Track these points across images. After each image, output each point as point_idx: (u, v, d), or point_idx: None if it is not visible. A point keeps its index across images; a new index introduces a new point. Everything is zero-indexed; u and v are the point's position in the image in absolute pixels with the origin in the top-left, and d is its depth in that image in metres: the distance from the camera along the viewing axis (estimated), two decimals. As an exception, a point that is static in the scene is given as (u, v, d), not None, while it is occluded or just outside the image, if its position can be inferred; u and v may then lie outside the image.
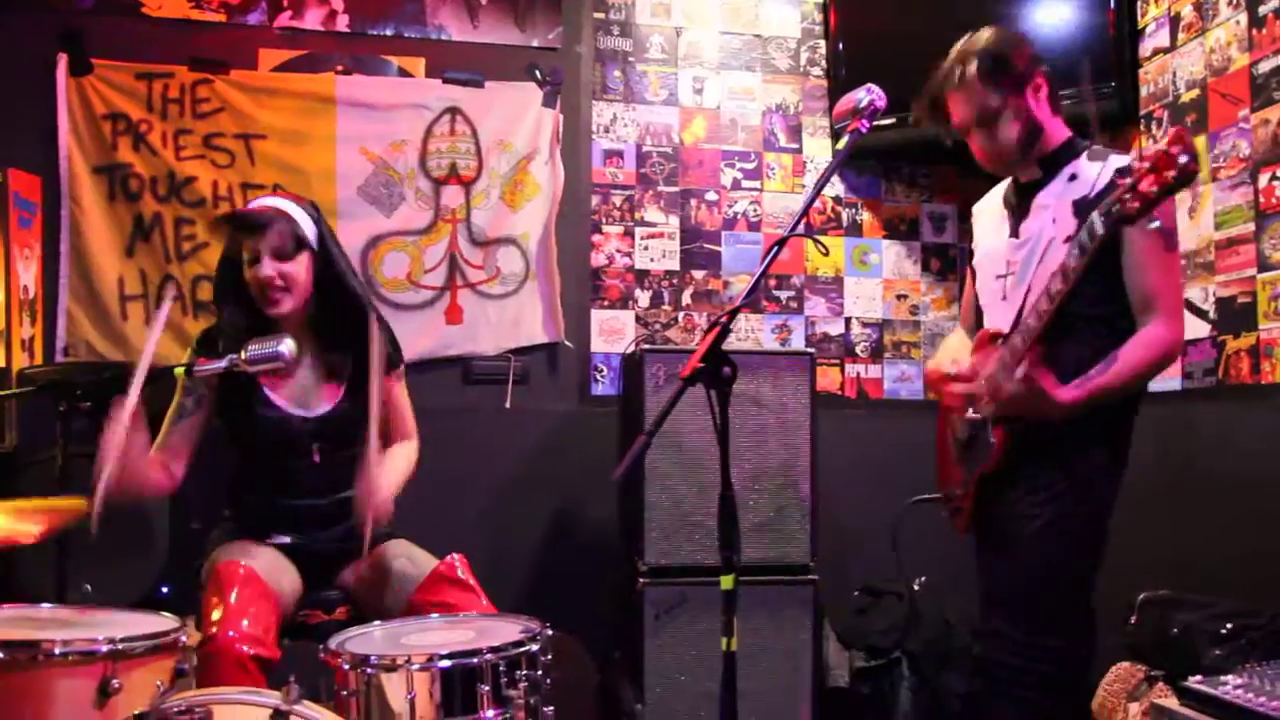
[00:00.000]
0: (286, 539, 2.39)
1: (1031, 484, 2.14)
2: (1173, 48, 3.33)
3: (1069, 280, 1.88)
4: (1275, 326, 2.88)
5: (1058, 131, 2.22)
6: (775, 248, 1.77)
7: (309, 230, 2.38)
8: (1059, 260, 1.98)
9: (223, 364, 2.14)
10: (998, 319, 2.25)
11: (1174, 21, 3.33)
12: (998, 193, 2.41)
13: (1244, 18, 3.04)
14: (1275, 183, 2.90)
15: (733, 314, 1.70)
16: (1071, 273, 1.87)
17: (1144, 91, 3.45)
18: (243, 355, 2.12)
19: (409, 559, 2.40)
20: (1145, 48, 3.44)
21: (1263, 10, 2.98)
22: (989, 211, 2.41)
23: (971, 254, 2.50)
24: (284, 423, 2.37)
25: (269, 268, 2.30)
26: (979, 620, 2.32)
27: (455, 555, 2.37)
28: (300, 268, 2.36)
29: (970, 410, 2.25)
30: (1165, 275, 2.07)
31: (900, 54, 3.85)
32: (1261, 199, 2.94)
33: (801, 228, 1.90)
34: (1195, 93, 3.21)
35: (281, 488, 2.41)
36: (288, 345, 2.12)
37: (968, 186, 4.06)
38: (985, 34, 2.22)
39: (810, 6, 4.07)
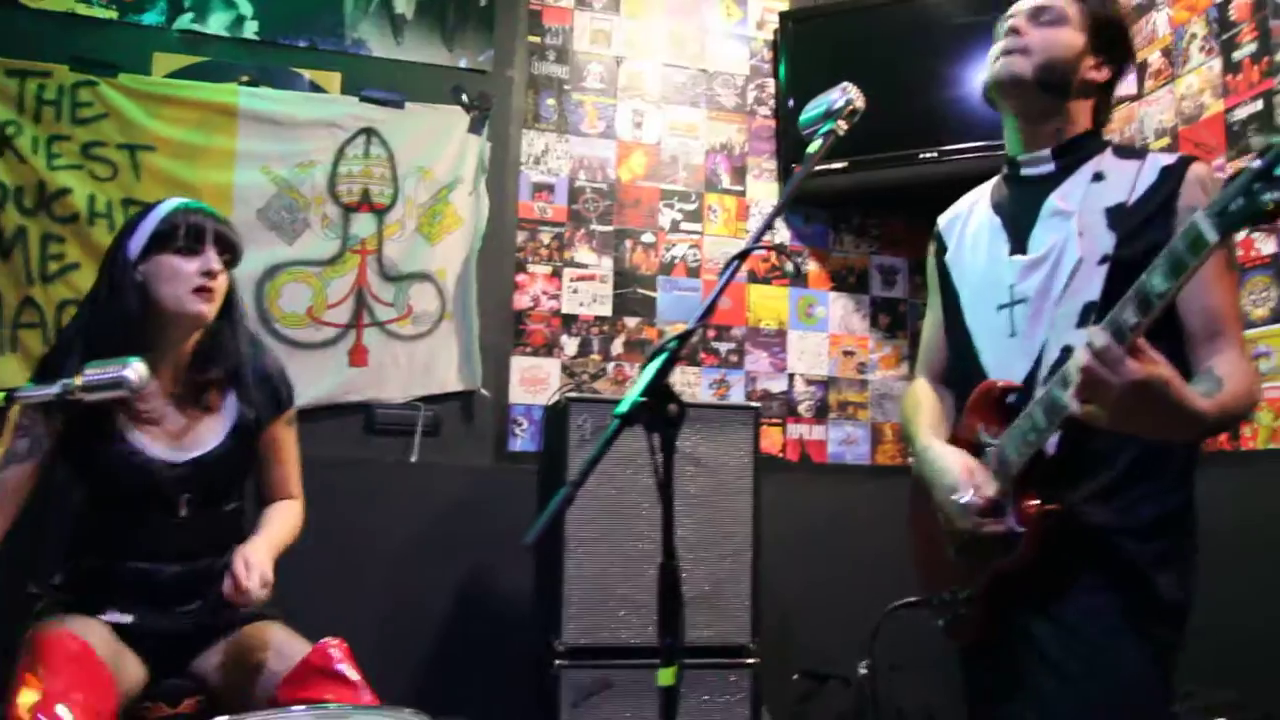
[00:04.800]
0: (128, 618, 1.97)
1: (1088, 606, 1.55)
2: (1140, 96, 3.15)
3: (1151, 310, 1.25)
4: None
5: (1083, 117, 1.70)
6: (736, 261, 1.45)
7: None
8: (1094, 287, 1.54)
9: (53, 390, 1.75)
10: (1005, 363, 1.67)
11: (1141, 69, 3.16)
12: (978, 197, 1.86)
13: (1218, 63, 2.87)
14: (1254, 235, 2.70)
15: (683, 338, 1.36)
16: (1159, 300, 1.24)
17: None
18: (78, 380, 1.74)
19: (276, 650, 1.98)
20: (1110, 97, 3.26)
21: (1236, 55, 2.81)
22: (971, 222, 1.84)
23: (943, 275, 1.88)
24: (145, 467, 1.98)
25: (216, 261, 2.02)
26: None
27: (331, 640, 1.96)
28: (226, 282, 2.09)
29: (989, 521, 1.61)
30: (1233, 296, 1.57)
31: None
32: (1240, 252, 2.73)
33: (767, 245, 1.52)
34: (1165, 141, 3.03)
35: (134, 548, 2.00)
36: (135, 369, 1.75)
37: (919, 239, 3.85)
38: None
39: (759, 44, 3.85)
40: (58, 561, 2.06)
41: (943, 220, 1.94)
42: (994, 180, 1.85)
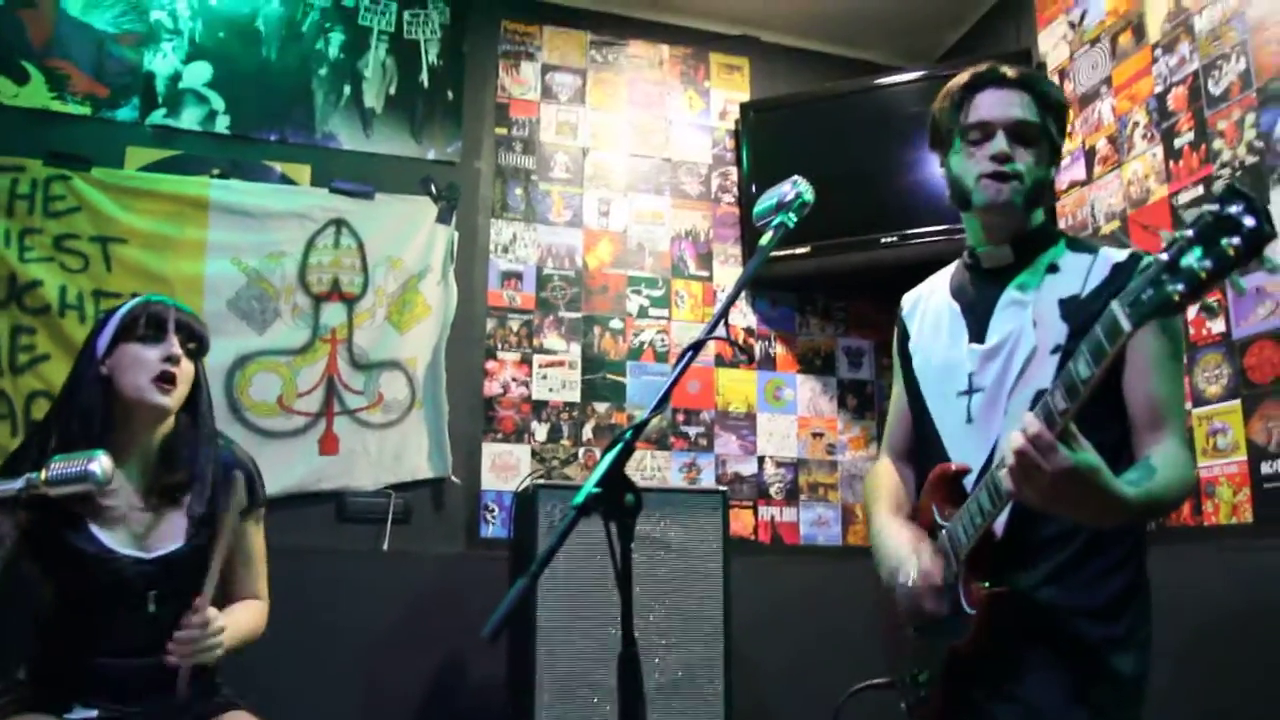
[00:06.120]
0: (92, 713, 1.95)
1: (1045, 682, 1.58)
2: (1089, 180, 3.26)
3: (1078, 396, 1.31)
4: (1215, 464, 2.70)
5: (1039, 212, 1.79)
6: (690, 351, 1.49)
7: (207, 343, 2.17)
8: (1046, 376, 1.58)
9: (16, 485, 1.76)
10: (963, 449, 1.74)
11: (1089, 155, 3.27)
12: (938, 283, 1.94)
13: (1160, 150, 2.98)
14: (1204, 314, 2.78)
15: (638, 428, 1.40)
16: (1084, 385, 1.30)
17: (1062, 224, 3.36)
18: (43, 475, 1.75)
19: None
20: (1061, 180, 3.37)
21: (1177, 143, 2.92)
22: (931, 306, 1.91)
23: (905, 359, 1.95)
24: (113, 566, 1.97)
25: (179, 348, 2.04)
26: None
27: None
28: (191, 371, 2.10)
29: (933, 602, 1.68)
30: (1175, 385, 1.63)
31: (813, 189, 3.76)
32: (1191, 330, 2.80)
33: (720, 332, 1.55)
34: (1116, 224, 3.12)
35: (101, 643, 1.99)
36: (100, 463, 1.76)
37: (885, 321, 3.93)
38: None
39: (722, 133, 3.96)
40: (22, 655, 2.04)
41: (905, 304, 2.01)
42: (954, 265, 1.92)
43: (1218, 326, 2.74)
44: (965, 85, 1.78)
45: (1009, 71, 1.75)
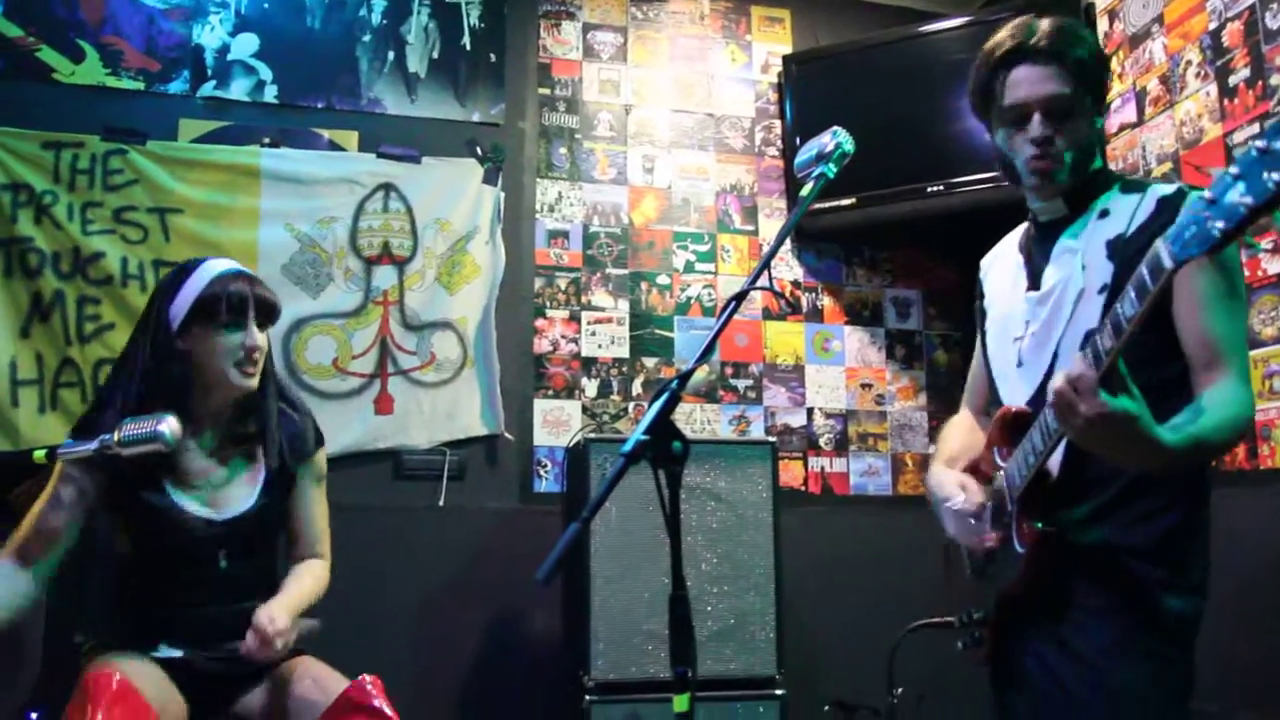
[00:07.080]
0: (176, 653, 2.05)
1: (1092, 627, 1.59)
2: (1141, 122, 3.20)
3: (1123, 334, 1.31)
4: (1272, 407, 2.67)
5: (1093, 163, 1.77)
6: (733, 302, 1.52)
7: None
8: (1094, 316, 1.58)
9: (92, 446, 1.86)
10: (1013, 393, 1.78)
11: (1139, 96, 3.21)
12: (1010, 241, 1.95)
13: (1214, 89, 2.92)
14: (1260, 254, 2.73)
15: (684, 378, 1.43)
16: (1128, 323, 1.30)
17: (1113, 168, 3.30)
18: (116, 436, 1.84)
19: (315, 681, 2.08)
20: (1111, 124, 3.32)
21: (1232, 80, 2.86)
22: (1002, 263, 1.94)
23: (982, 317, 1.98)
24: (186, 527, 2.05)
25: (259, 336, 2.10)
26: None
27: (367, 676, 2.04)
28: (266, 344, 2.15)
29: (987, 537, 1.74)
30: (1232, 323, 1.58)
31: (857, 140, 3.72)
32: (1246, 271, 2.76)
33: (763, 282, 1.58)
34: (1168, 166, 3.07)
35: (178, 594, 2.09)
36: (169, 424, 1.84)
37: (933, 271, 3.92)
38: (1073, 23, 1.75)
39: (765, 87, 3.94)
40: (104, 608, 2.14)
41: (983, 265, 2.03)
42: (1025, 223, 1.93)
43: (1274, 267, 2.70)
44: (998, 63, 1.74)
45: (1040, 43, 1.70)
